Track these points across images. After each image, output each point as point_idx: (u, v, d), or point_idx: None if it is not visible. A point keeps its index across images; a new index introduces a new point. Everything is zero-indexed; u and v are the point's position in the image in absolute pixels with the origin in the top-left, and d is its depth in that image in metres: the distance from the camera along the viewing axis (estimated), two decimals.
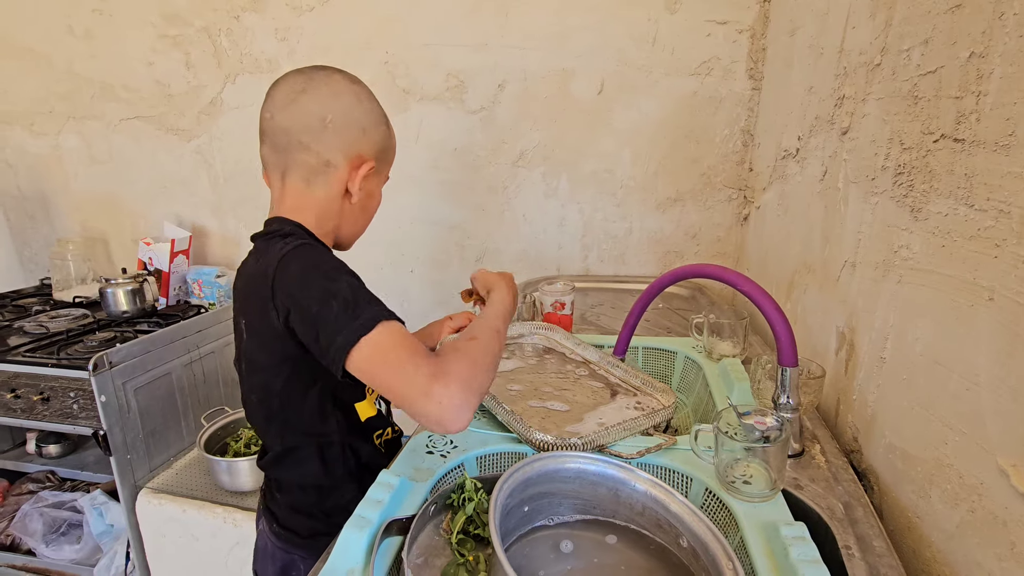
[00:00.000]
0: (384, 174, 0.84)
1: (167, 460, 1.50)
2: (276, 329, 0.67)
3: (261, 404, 0.78)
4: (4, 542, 1.58)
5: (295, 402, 0.75)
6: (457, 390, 0.58)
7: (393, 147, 0.84)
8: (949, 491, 0.56)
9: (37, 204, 2.02)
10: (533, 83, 1.52)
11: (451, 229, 1.70)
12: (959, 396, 0.55)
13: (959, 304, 0.56)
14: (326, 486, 0.80)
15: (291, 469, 0.81)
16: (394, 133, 0.84)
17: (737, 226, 1.53)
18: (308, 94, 0.73)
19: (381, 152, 0.80)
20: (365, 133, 0.77)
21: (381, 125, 0.79)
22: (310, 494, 0.81)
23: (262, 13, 1.62)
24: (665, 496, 0.60)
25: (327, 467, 0.79)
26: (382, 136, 0.80)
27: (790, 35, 1.17)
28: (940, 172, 0.60)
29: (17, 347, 1.40)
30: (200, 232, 1.89)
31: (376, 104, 0.79)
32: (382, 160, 0.81)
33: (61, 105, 1.87)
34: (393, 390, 0.60)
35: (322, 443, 0.78)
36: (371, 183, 0.81)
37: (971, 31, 0.55)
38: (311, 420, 0.77)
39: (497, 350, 0.69)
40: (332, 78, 0.76)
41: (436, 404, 0.57)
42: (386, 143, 0.81)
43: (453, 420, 0.58)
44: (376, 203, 0.85)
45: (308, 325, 0.64)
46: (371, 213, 0.85)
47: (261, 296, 0.68)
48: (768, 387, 0.78)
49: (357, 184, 0.76)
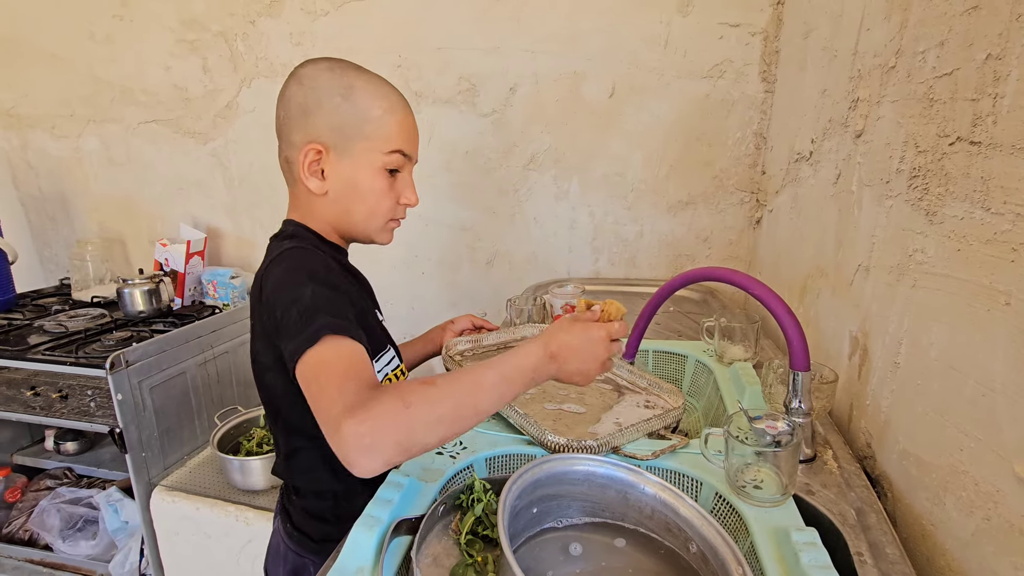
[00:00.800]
0: (360, 154, 0.73)
1: (181, 458, 1.52)
2: (269, 331, 0.67)
3: (268, 405, 0.78)
4: (22, 537, 1.61)
5: (297, 403, 0.69)
6: (368, 433, 0.49)
7: (363, 117, 0.72)
8: (964, 498, 0.55)
9: (57, 205, 2.06)
10: (544, 86, 1.53)
11: (462, 231, 1.71)
12: (975, 402, 0.54)
13: (975, 309, 0.55)
14: (340, 492, 0.78)
15: (302, 476, 0.79)
16: (376, 102, 0.72)
17: (749, 229, 1.52)
18: (278, 99, 0.75)
19: (335, 128, 0.71)
20: (308, 115, 0.71)
21: (334, 97, 0.71)
22: (326, 499, 0.79)
23: (277, 18, 1.65)
24: (675, 500, 0.60)
25: (336, 472, 0.75)
26: (333, 110, 0.71)
27: (804, 37, 1.17)
28: (956, 175, 0.59)
29: (37, 346, 1.43)
30: (215, 234, 1.92)
31: (331, 76, 0.71)
32: (342, 136, 0.72)
33: (82, 108, 1.91)
34: (315, 413, 0.55)
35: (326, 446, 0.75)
36: (335, 167, 0.73)
37: (988, 33, 0.55)
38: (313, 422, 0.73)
39: (461, 405, 0.54)
40: (294, 73, 0.73)
41: (340, 443, 0.50)
42: (340, 117, 0.71)
43: (354, 463, 0.50)
44: (365, 191, 0.74)
45: (273, 330, 0.64)
46: (363, 203, 0.75)
47: (256, 298, 0.71)
48: (780, 391, 0.77)
49: (305, 173, 0.72)
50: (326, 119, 0.71)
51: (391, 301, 1.81)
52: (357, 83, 0.72)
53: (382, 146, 0.73)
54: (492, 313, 1.68)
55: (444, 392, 0.54)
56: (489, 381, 0.57)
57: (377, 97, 0.73)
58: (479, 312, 1.53)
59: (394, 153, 0.74)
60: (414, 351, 1.02)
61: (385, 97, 0.74)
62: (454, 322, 1.03)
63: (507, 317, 1.14)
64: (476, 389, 0.56)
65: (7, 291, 1.68)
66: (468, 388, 0.55)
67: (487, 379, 0.57)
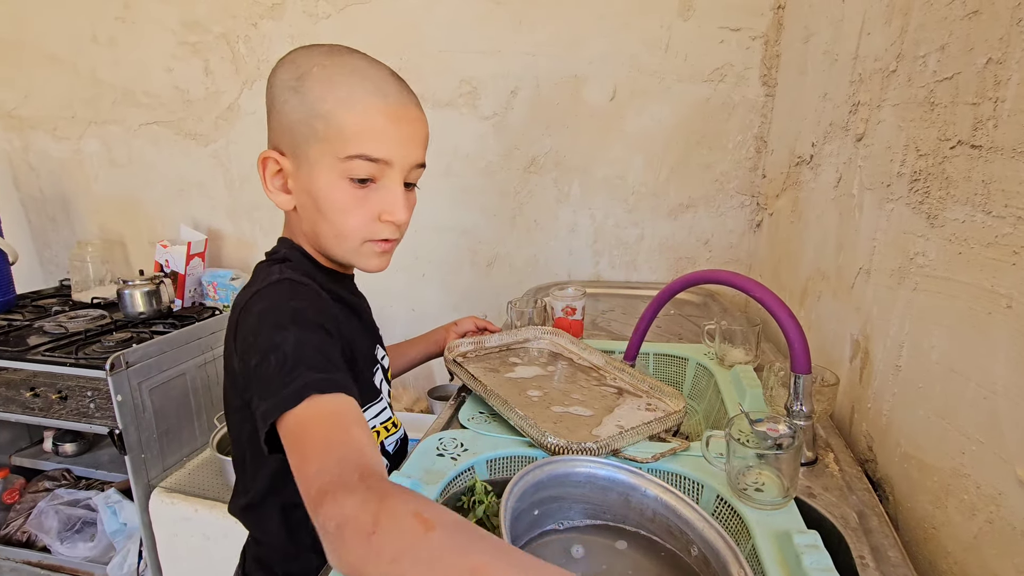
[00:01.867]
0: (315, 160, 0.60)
1: (180, 460, 1.52)
2: (234, 373, 0.59)
3: (236, 447, 0.69)
4: (20, 538, 1.60)
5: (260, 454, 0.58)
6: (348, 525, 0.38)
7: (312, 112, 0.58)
8: (966, 501, 0.55)
9: (58, 207, 2.06)
10: (546, 89, 1.53)
11: (463, 234, 1.71)
12: (976, 405, 0.54)
13: (976, 312, 0.55)
14: (289, 553, 0.69)
15: (255, 526, 0.72)
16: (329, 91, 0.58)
17: (750, 232, 1.53)
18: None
19: (287, 132, 0.60)
20: (269, 118, 0.62)
21: (283, 94, 0.60)
22: (274, 552, 0.72)
23: (279, 20, 1.65)
24: (676, 502, 0.60)
25: (291, 533, 0.68)
26: (284, 109, 0.60)
27: (804, 42, 1.17)
28: (957, 179, 0.59)
29: (37, 346, 1.43)
30: (215, 235, 1.92)
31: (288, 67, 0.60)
32: (295, 139, 0.60)
33: (84, 110, 1.91)
34: (297, 479, 0.45)
35: (286, 505, 0.66)
36: (297, 178, 0.62)
37: (988, 37, 0.55)
38: (276, 476, 0.65)
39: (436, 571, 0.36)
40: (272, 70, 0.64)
41: (318, 523, 0.40)
42: (290, 116, 0.59)
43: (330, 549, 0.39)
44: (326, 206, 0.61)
45: (247, 379, 0.54)
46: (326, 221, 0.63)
47: (229, 333, 0.61)
48: (781, 395, 0.77)
49: (268, 186, 0.64)
50: (279, 120, 0.60)
51: (391, 303, 1.81)
52: (314, 70, 0.58)
53: (338, 148, 0.59)
54: (492, 315, 1.68)
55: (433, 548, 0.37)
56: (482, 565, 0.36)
57: (332, 85, 0.58)
58: (480, 315, 1.53)
59: (355, 158, 0.59)
60: (415, 351, 1.02)
61: (345, 85, 0.58)
62: (457, 323, 1.03)
63: (508, 319, 1.14)
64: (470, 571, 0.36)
65: (7, 292, 1.68)
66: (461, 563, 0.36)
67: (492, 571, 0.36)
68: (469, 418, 0.81)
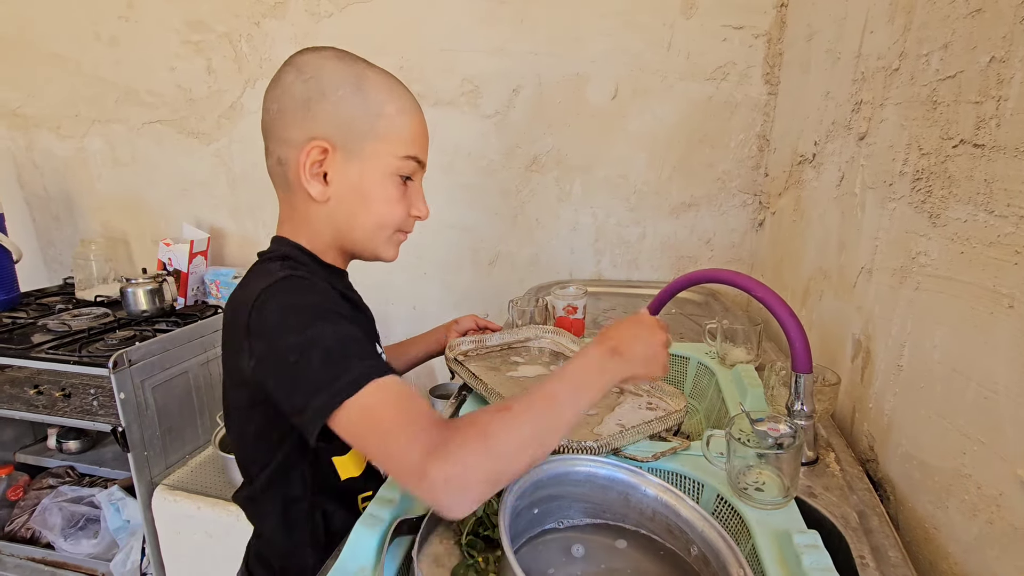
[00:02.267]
0: (370, 157, 0.63)
1: (183, 457, 1.53)
2: (245, 373, 0.58)
3: (237, 446, 0.70)
4: (24, 535, 1.61)
5: (265, 450, 0.65)
6: (456, 475, 0.46)
7: (376, 113, 0.63)
8: (967, 502, 0.55)
9: (62, 205, 2.07)
10: (548, 88, 1.53)
11: (464, 232, 1.71)
12: (977, 405, 0.54)
13: (978, 312, 0.55)
14: (287, 549, 0.70)
15: (255, 518, 0.73)
16: (391, 97, 0.64)
17: (752, 231, 1.52)
18: (267, 90, 0.66)
19: (343, 125, 0.62)
20: (309, 107, 0.61)
21: (342, 87, 0.62)
22: (273, 547, 0.72)
23: (282, 19, 1.65)
24: (676, 501, 0.60)
25: (289, 528, 0.68)
26: (341, 103, 0.61)
27: (807, 40, 1.17)
28: (959, 178, 0.59)
29: (41, 344, 1.43)
30: (218, 233, 1.93)
31: (339, 65, 0.63)
32: (352, 134, 0.62)
33: (87, 109, 1.92)
34: (383, 464, 0.51)
35: (286, 499, 0.67)
36: (341, 170, 0.63)
37: (991, 36, 0.55)
38: (278, 469, 0.66)
39: (540, 427, 0.51)
40: (290, 60, 0.65)
41: (428, 488, 0.46)
42: (349, 111, 0.62)
43: (448, 508, 0.47)
44: (374, 199, 0.65)
45: (284, 378, 0.54)
46: (371, 213, 0.66)
47: (236, 332, 0.59)
48: (782, 394, 0.77)
49: (306, 175, 0.63)
50: (331, 112, 0.61)
51: (392, 302, 1.82)
52: (369, 73, 0.63)
53: (397, 148, 0.64)
54: (494, 314, 1.68)
55: (521, 416, 0.50)
56: (562, 393, 0.53)
57: (393, 92, 0.64)
58: (481, 313, 1.53)
59: (409, 159, 0.66)
60: (416, 350, 1.02)
61: (401, 95, 0.65)
62: (457, 322, 1.03)
63: (509, 318, 1.14)
64: (551, 404, 0.52)
65: (11, 290, 1.69)
66: (543, 405, 0.52)
67: (560, 391, 0.53)
68: None
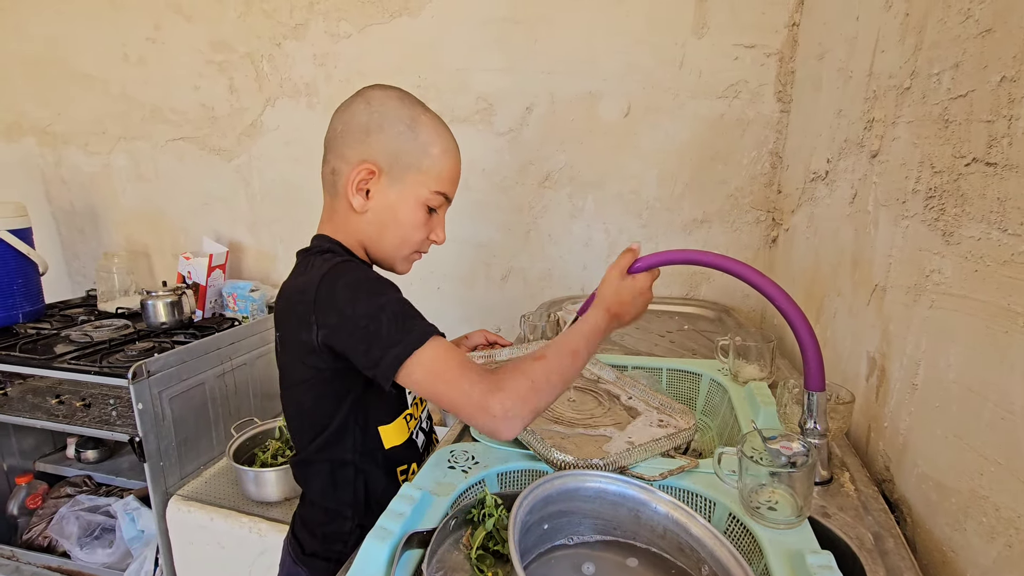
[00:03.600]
0: (409, 184, 0.75)
1: (197, 468, 1.54)
2: (310, 345, 0.68)
3: (294, 416, 0.80)
4: (41, 543, 1.64)
5: (321, 416, 0.76)
6: (512, 407, 0.61)
7: (423, 151, 0.74)
8: (985, 524, 0.54)
9: (87, 219, 2.13)
10: (560, 106, 1.55)
11: (478, 248, 1.72)
12: (994, 425, 0.54)
13: (993, 330, 0.54)
14: (330, 509, 0.80)
15: (304, 481, 0.82)
16: (437, 141, 0.75)
17: (765, 248, 1.52)
18: (336, 110, 0.77)
19: (393, 153, 0.73)
20: (369, 134, 0.73)
21: (396, 123, 0.73)
22: (317, 512, 0.81)
23: (302, 40, 1.70)
24: (687, 519, 0.59)
25: (335, 489, 0.78)
26: (396, 136, 0.73)
27: (819, 59, 1.17)
28: (972, 196, 0.59)
29: (63, 355, 1.47)
30: (236, 247, 1.97)
31: (400, 105, 0.74)
32: (398, 163, 0.73)
33: (114, 126, 1.98)
34: (450, 402, 0.63)
35: (334, 462, 0.78)
36: (382, 191, 0.74)
37: (1002, 55, 0.55)
38: (331, 436, 0.76)
39: (566, 371, 0.67)
40: (363, 90, 0.76)
41: (490, 417, 0.61)
42: (401, 145, 0.73)
43: (500, 431, 0.62)
44: (403, 221, 0.76)
45: (358, 339, 0.66)
46: (398, 231, 0.77)
47: (299, 312, 0.69)
48: (795, 412, 0.76)
49: (352, 188, 0.74)
50: (386, 143, 0.73)
51: None
52: (423, 117, 0.75)
53: (432, 183, 0.76)
54: (506, 329, 1.69)
55: (553, 363, 0.66)
56: (581, 347, 0.68)
57: (439, 136, 0.76)
58: (493, 327, 1.53)
59: (439, 194, 0.77)
60: None
61: (446, 139, 0.77)
62: (468, 337, 1.04)
63: (521, 333, 1.14)
64: (573, 356, 0.68)
65: (37, 301, 1.74)
66: (568, 356, 0.67)
67: (579, 346, 0.68)
68: None
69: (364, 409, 0.77)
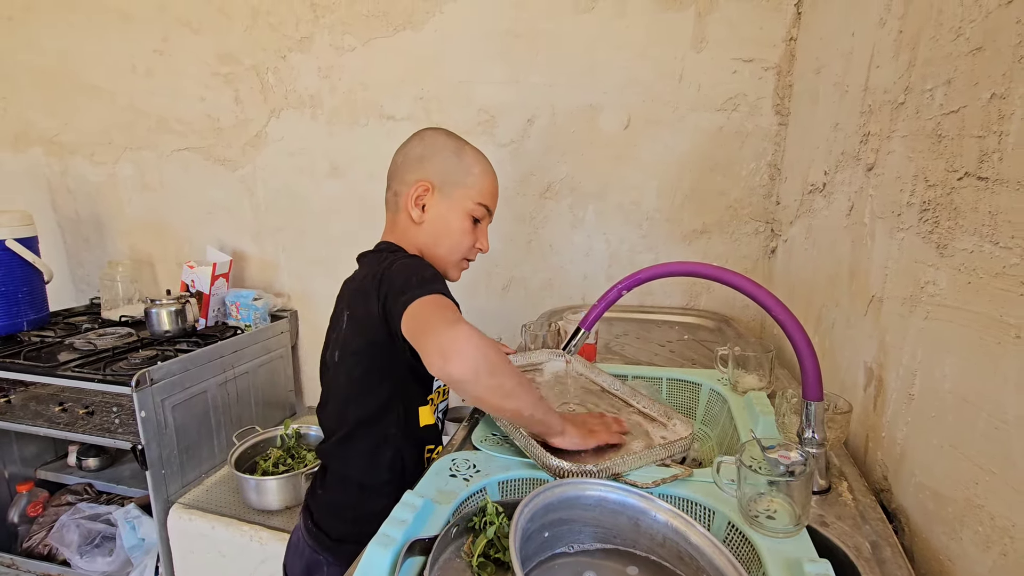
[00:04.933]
0: (456, 198, 0.90)
1: (199, 476, 1.55)
2: (374, 315, 0.77)
3: (343, 388, 0.87)
4: (42, 551, 1.64)
5: (369, 388, 0.84)
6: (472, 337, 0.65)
7: (466, 171, 0.90)
8: (981, 533, 0.55)
9: (92, 228, 2.15)
10: (562, 118, 1.57)
11: (479, 257, 1.73)
12: (988, 435, 0.54)
13: (986, 341, 0.55)
14: (367, 485, 0.86)
15: (343, 458, 0.87)
16: (477, 164, 0.91)
17: (764, 259, 1.53)
18: (398, 150, 0.93)
19: (443, 174, 0.89)
20: (423, 161, 0.89)
21: (444, 151, 0.89)
22: (351, 493, 0.87)
23: (307, 52, 1.73)
24: (686, 527, 0.60)
25: (375, 463, 0.86)
26: (444, 161, 0.89)
27: (816, 73, 1.19)
28: (965, 209, 0.60)
29: (67, 363, 1.48)
30: (240, 256, 1.98)
31: (447, 139, 0.91)
32: (447, 181, 0.89)
33: (120, 137, 2.00)
34: (428, 326, 0.68)
35: (379, 436, 0.86)
36: (435, 204, 0.89)
37: (992, 73, 0.57)
38: (377, 410, 0.85)
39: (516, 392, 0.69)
40: (418, 133, 0.92)
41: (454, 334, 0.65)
42: (449, 167, 0.89)
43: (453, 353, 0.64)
44: (453, 228, 0.90)
45: (393, 296, 0.75)
46: (449, 238, 0.91)
47: (368, 290, 0.79)
48: (793, 421, 0.77)
49: (411, 201, 0.89)
50: (438, 166, 0.89)
51: None
52: (466, 147, 0.92)
53: (475, 196, 0.90)
54: (507, 338, 1.70)
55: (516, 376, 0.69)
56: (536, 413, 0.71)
57: (479, 160, 0.92)
58: (494, 336, 1.54)
59: (481, 205, 0.91)
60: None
61: (485, 163, 0.93)
62: None
63: (522, 342, 1.15)
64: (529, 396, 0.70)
65: (41, 309, 1.75)
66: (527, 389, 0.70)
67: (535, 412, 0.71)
68: (482, 440, 0.82)
69: (406, 388, 0.86)
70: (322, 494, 0.90)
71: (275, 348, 1.83)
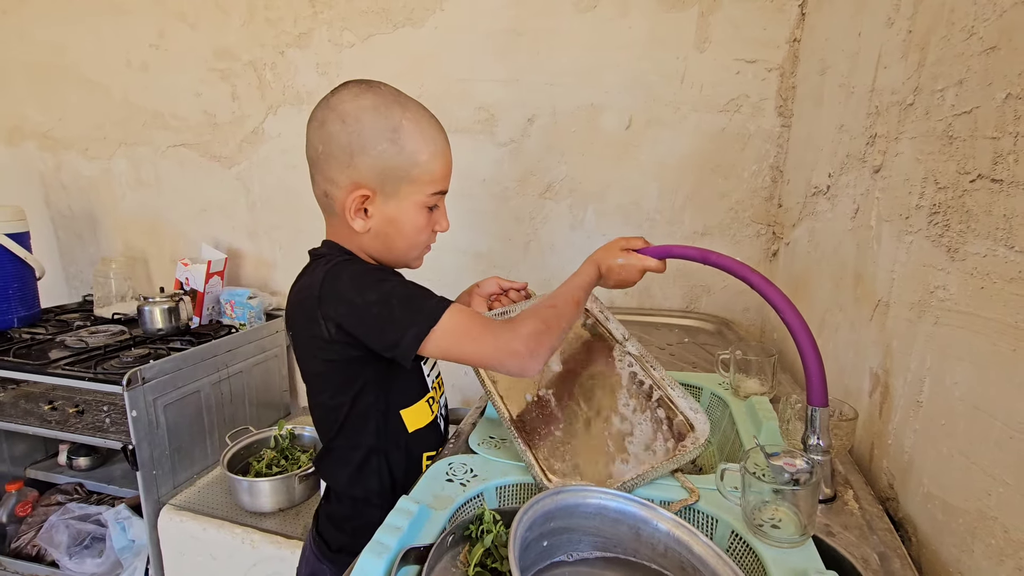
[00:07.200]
0: (404, 195, 0.74)
1: (190, 477, 1.52)
2: (323, 338, 0.72)
3: (317, 408, 0.82)
4: (30, 552, 1.61)
5: (341, 405, 0.78)
6: (535, 345, 0.68)
7: (411, 162, 0.72)
8: (994, 546, 0.53)
9: (85, 224, 2.12)
10: (562, 117, 1.56)
11: (477, 258, 1.72)
12: (1002, 444, 0.53)
13: (1000, 348, 0.54)
14: (359, 497, 0.82)
15: (330, 473, 0.83)
16: (423, 148, 0.73)
17: (766, 261, 1.52)
18: (311, 122, 0.75)
19: (382, 172, 0.72)
20: (353, 157, 0.71)
21: (377, 139, 0.71)
22: (345, 505, 0.83)
23: (305, 49, 1.71)
24: (689, 537, 0.58)
25: (361, 476, 0.80)
26: (380, 155, 0.71)
27: (820, 74, 1.18)
28: (977, 212, 0.59)
29: (58, 360, 1.45)
30: (235, 254, 1.96)
31: (376, 117, 0.71)
32: (388, 179, 0.72)
33: (115, 132, 1.98)
34: (479, 355, 0.70)
35: (362, 448, 0.80)
36: (379, 208, 0.74)
37: (1007, 73, 0.55)
38: (352, 424, 0.79)
39: (571, 317, 0.75)
40: (333, 99, 0.73)
41: (519, 358, 0.68)
42: (388, 162, 0.71)
43: (531, 367, 0.69)
44: (406, 230, 0.76)
45: (370, 326, 0.70)
46: (403, 239, 0.77)
47: (306, 308, 0.73)
48: (797, 428, 0.75)
49: (350, 214, 0.74)
50: (372, 164, 0.71)
51: None
52: (404, 123, 0.72)
53: (427, 188, 0.75)
54: None
55: (560, 310, 0.74)
56: (581, 297, 0.79)
57: (424, 141, 0.73)
58: None
59: (436, 194, 0.77)
60: None
61: (432, 139, 0.74)
62: (479, 285, 0.99)
63: None
64: (577, 304, 0.77)
65: (32, 306, 1.72)
66: (570, 304, 0.76)
67: (580, 296, 0.78)
68: (479, 443, 0.80)
69: (384, 394, 0.79)
70: (324, 504, 0.88)
71: (270, 348, 1.80)
